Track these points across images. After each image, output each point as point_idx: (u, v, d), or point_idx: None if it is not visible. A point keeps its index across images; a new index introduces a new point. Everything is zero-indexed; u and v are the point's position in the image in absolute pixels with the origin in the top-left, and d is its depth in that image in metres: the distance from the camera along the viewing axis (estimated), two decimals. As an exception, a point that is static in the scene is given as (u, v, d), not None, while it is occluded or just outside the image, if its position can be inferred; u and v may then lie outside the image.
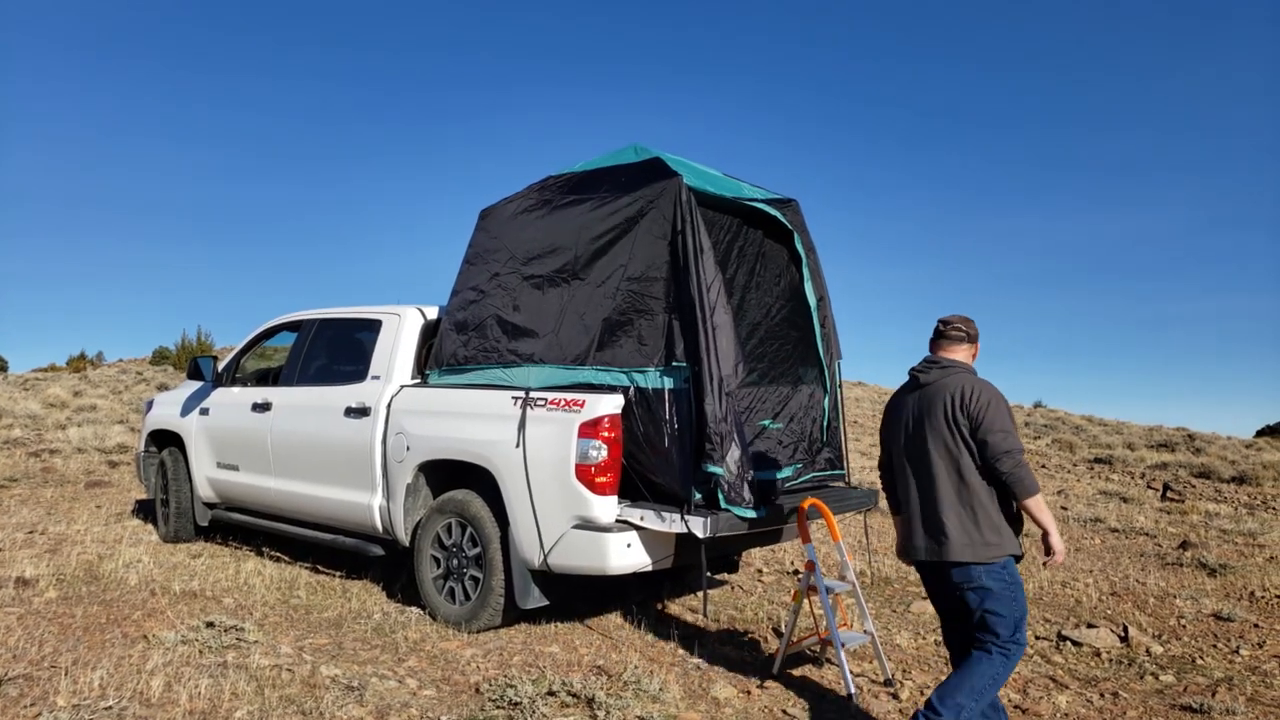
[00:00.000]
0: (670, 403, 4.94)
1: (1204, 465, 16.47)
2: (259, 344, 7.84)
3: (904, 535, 4.01)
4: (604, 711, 4.20)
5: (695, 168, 5.53)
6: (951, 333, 3.96)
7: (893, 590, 7.00)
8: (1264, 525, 10.69)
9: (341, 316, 6.99)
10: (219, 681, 4.36)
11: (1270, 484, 15.14)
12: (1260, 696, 4.95)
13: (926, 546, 3.83)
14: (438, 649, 5.16)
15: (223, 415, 7.52)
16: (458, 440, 5.65)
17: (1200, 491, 13.78)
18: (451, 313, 6.08)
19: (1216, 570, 7.95)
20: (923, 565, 3.97)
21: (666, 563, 5.21)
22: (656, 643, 5.48)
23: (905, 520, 3.99)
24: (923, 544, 3.85)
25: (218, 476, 7.57)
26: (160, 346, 30.63)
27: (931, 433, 3.81)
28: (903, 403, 4.01)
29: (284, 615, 5.77)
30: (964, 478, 3.75)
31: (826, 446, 5.96)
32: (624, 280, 5.20)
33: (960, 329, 3.96)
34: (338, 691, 4.35)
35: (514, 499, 5.27)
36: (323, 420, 6.49)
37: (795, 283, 5.98)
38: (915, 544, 3.88)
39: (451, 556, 5.69)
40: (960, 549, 3.73)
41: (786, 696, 4.69)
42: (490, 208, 6.12)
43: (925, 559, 3.86)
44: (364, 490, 6.19)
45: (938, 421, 3.79)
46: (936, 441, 3.80)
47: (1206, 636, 6.04)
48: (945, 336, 3.97)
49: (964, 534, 3.73)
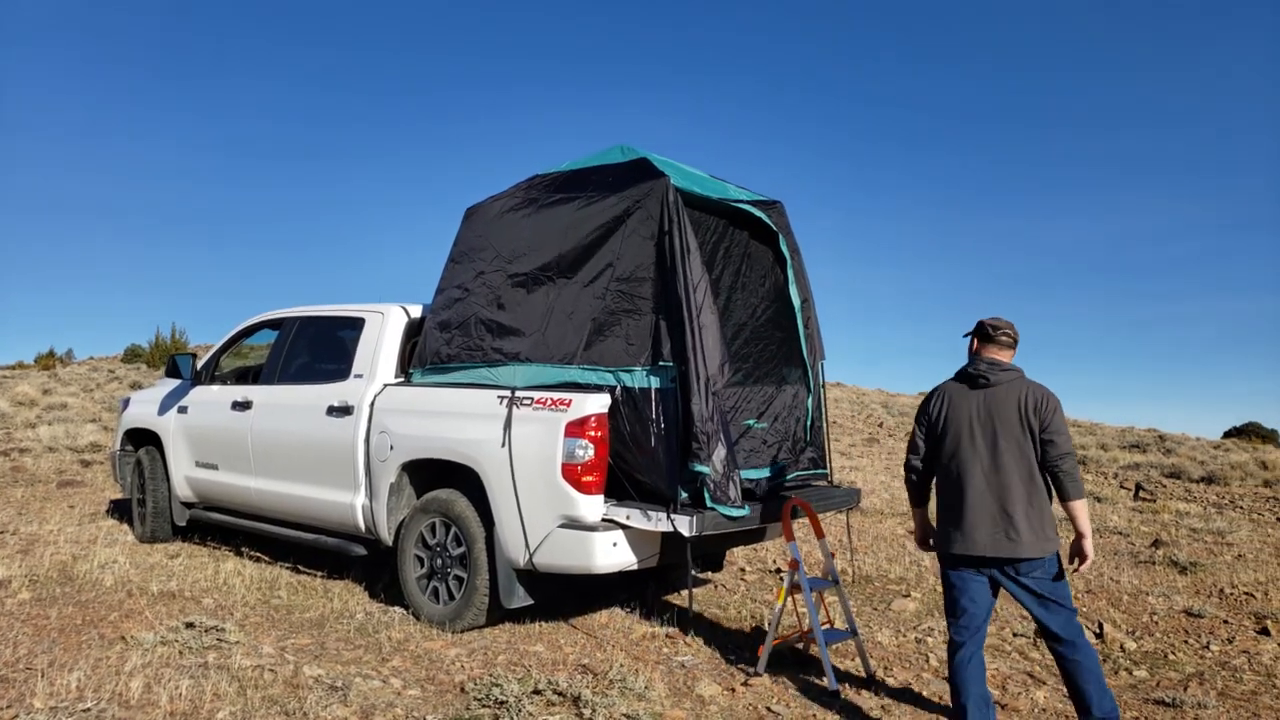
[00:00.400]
0: (657, 402, 4.95)
1: (1174, 466, 16.72)
2: (239, 342, 7.77)
3: (950, 528, 4.09)
4: (590, 710, 4.21)
5: (681, 168, 5.56)
6: (1002, 338, 4.14)
7: (873, 588, 7.06)
8: (1232, 524, 10.88)
9: (324, 314, 6.95)
10: (200, 682, 4.33)
11: (1238, 484, 15.40)
12: (1230, 691, 5.04)
13: (994, 542, 3.97)
14: (422, 649, 5.15)
15: (202, 414, 7.45)
16: (442, 439, 5.63)
17: (1171, 491, 14.00)
18: (436, 311, 6.06)
19: (1187, 568, 8.08)
20: (976, 560, 4.04)
21: (652, 561, 5.22)
22: (641, 641, 5.50)
23: (952, 514, 4.07)
24: (987, 538, 3.97)
25: (196, 476, 7.50)
26: (133, 344, 30.30)
27: (1004, 433, 3.99)
28: (964, 402, 4.12)
29: (265, 615, 5.73)
30: (1033, 477, 3.98)
31: (810, 446, 6.01)
32: (611, 280, 5.21)
33: (1010, 334, 4.16)
34: (321, 692, 4.33)
35: (499, 498, 5.27)
36: (305, 419, 6.44)
37: (780, 284, 6.02)
38: (976, 538, 3.99)
39: (435, 556, 5.68)
40: (1030, 545, 3.93)
41: (771, 693, 4.73)
42: (476, 206, 6.11)
43: (989, 554, 3.97)
44: (346, 489, 6.16)
45: (1011, 423, 3.99)
46: (1009, 442, 3.98)
47: (1178, 633, 6.15)
48: (996, 341, 4.15)
49: (1032, 530, 3.94)
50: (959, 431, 4.08)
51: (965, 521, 4.01)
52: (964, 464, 4.05)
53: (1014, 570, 4.00)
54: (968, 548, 4.01)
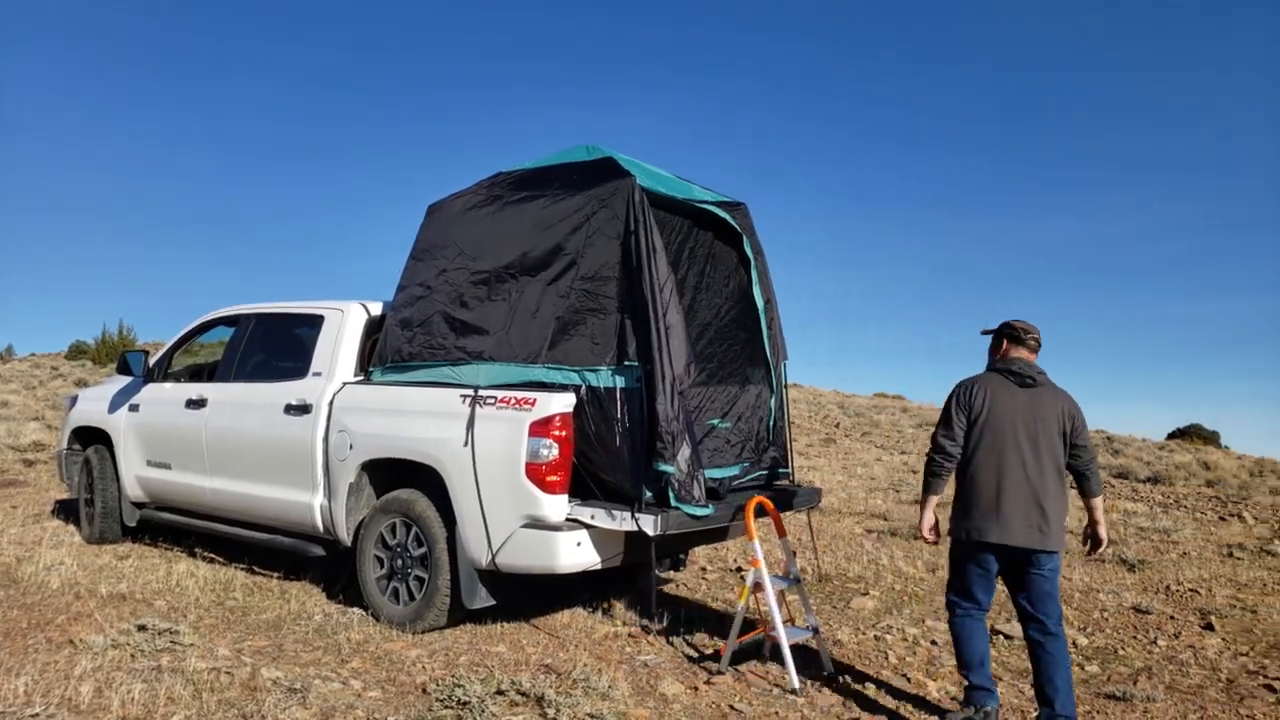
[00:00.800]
0: (622, 401, 4.95)
1: (1122, 466, 17.12)
2: (193, 339, 7.62)
3: (984, 518, 4.21)
4: (554, 709, 4.19)
5: (647, 168, 5.56)
6: (1031, 342, 4.40)
7: (833, 587, 7.13)
8: (1177, 523, 11.18)
9: (282, 311, 6.84)
10: (153, 686, 4.23)
11: (1182, 484, 15.82)
12: (1177, 684, 5.18)
13: (1026, 533, 4.16)
14: (382, 650, 5.09)
15: (154, 412, 7.29)
16: (403, 439, 5.58)
17: (1119, 491, 14.33)
18: (397, 309, 6.00)
19: (1135, 566, 8.29)
20: (1005, 549, 4.21)
21: (616, 561, 5.22)
22: (604, 641, 5.49)
23: (985, 504, 4.21)
24: (1021, 529, 4.16)
25: (148, 475, 7.33)
26: (78, 340, 29.50)
27: (1044, 433, 4.24)
28: (1011, 398, 4.28)
29: (220, 617, 5.63)
30: (1061, 476, 4.28)
31: (772, 445, 6.05)
32: (576, 279, 5.20)
33: (1038, 340, 4.42)
34: (279, 694, 4.26)
35: (462, 498, 5.23)
36: (261, 417, 6.33)
37: (744, 285, 6.06)
38: (1013, 529, 4.16)
39: (396, 557, 5.62)
40: (1054, 539, 4.20)
41: (733, 691, 4.75)
42: (438, 203, 6.05)
43: (1022, 544, 4.16)
44: (304, 489, 6.07)
45: (1050, 424, 4.25)
46: (1048, 441, 4.24)
47: (1127, 628, 6.30)
48: (1026, 345, 4.40)
49: (1057, 525, 4.21)
50: (1003, 425, 4.24)
51: (1003, 512, 4.17)
52: (1006, 457, 4.21)
53: (1033, 561, 4.20)
54: (1002, 537, 4.17)
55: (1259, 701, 4.90)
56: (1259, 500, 14.09)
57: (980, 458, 4.25)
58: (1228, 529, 11.29)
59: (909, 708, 4.69)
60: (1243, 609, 6.88)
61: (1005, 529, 4.17)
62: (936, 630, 6.03)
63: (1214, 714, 4.72)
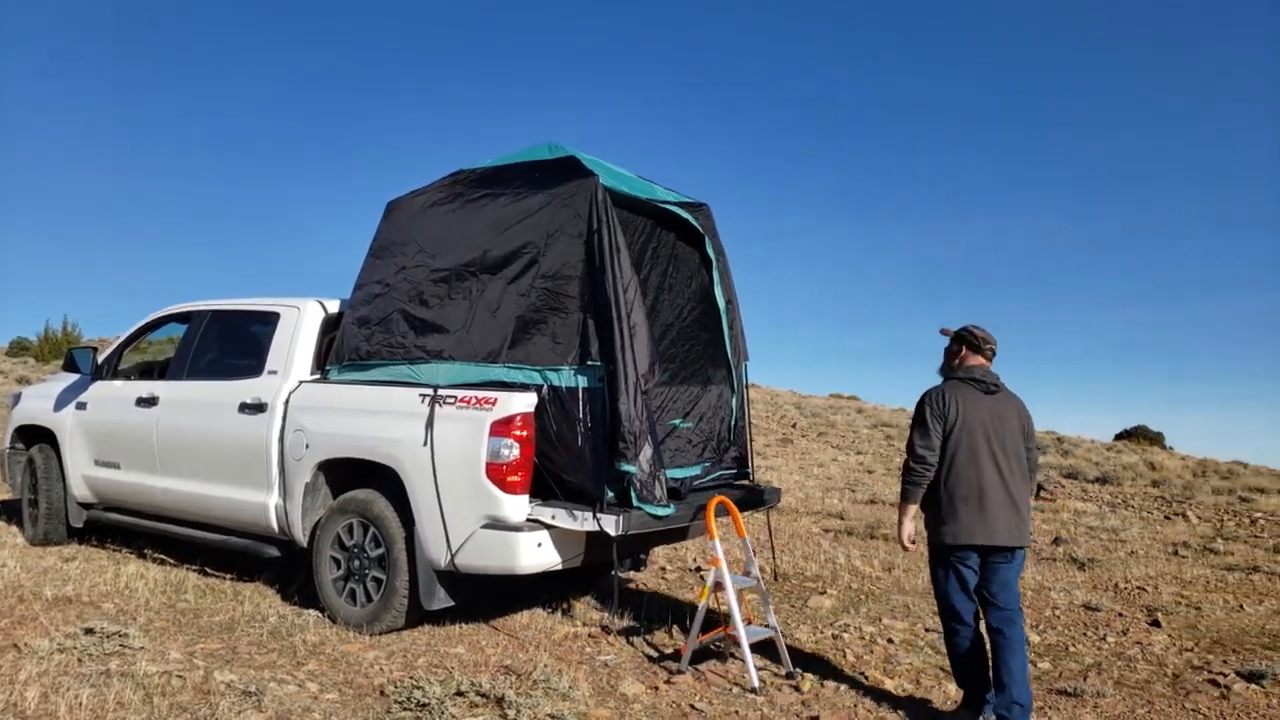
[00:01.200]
0: (584, 401, 4.94)
1: (1072, 466, 17.49)
2: (144, 336, 7.45)
3: (972, 521, 4.35)
4: (514, 710, 4.17)
5: (609, 168, 5.55)
6: (989, 350, 4.60)
7: (790, 586, 7.19)
8: (1125, 522, 11.46)
9: (236, 308, 6.71)
10: (102, 691, 4.13)
11: (1129, 484, 16.21)
12: (1126, 680, 5.30)
13: (1008, 531, 4.37)
14: (339, 652, 5.02)
15: (103, 410, 7.12)
16: (361, 438, 5.51)
17: (1069, 491, 14.64)
18: (355, 306, 5.92)
19: (1085, 564, 8.47)
20: (986, 548, 4.39)
21: (576, 561, 5.21)
22: (564, 641, 5.47)
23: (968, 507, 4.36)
24: (1003, 529, 4.36)
25: (96, 475, 7.16)
26: (19, 337, 28.68)
27: (1008, 436, 4.46)
28: (978, 405, 4.45)
29: (171, 620, 5.51)
30: (1025, 476, 4.51)
31: (733, 445, 6.08)
32: (538, 278, 5.17)
33: (994, 348, 4.62)
34: (234, 697, 4.18)
35: (421, 498, 5.17)
36: (215, 416, 6.22)
37: (706, 285, 6.08)
38: (998, 529, 4.36)
39: (353, 558, 5.54)
40: (1027, 534, 4.45)
41: (694, 691, 4.76)
42: (398, 200, 5.99)
43: (1006, 543, 4.37)
44: (259, 489, 5.97)
45: (1014, 426, 4.49)
46: (1014, 443, 4.47)
47: (1078, 626, 6.43)
48: (983, 353, 4.59)
49: (1027, 521, 4.46)
50: (976, 431, 4.41)
51: (987, 514, 4.35)
52: (982, 461, 4.39)
53: (1007, 556, 4.40)
54: (989, 538, 4.35)
55: (1204, 696, 5.03)
56: (1202, 500, 14.50)
57: (960, 464, 4.39)
58: (1173, 528, 11.59)
59: (867, 705, 4.74)
60: (1187, 606, 7.06)
61: (990, 530, 4.34)
62: (893, 629, 6.11)
63: (1161, 708, 4.84)
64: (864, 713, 4.64)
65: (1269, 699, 5.00)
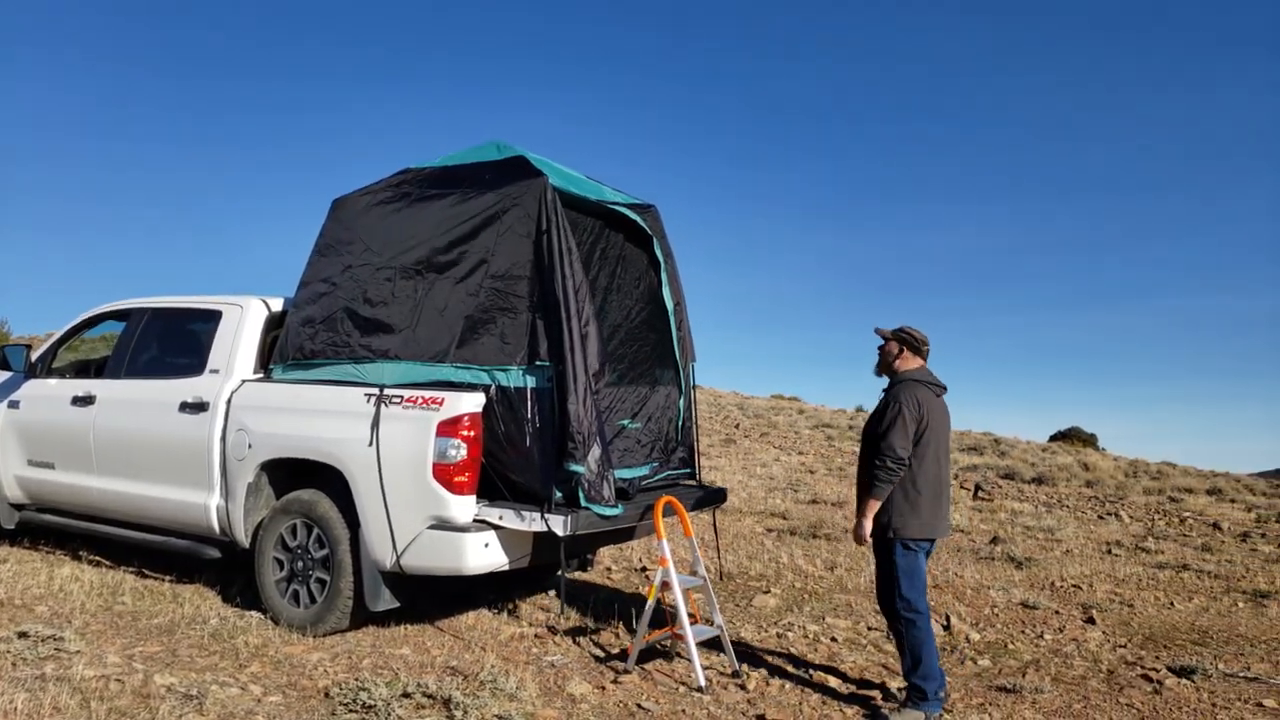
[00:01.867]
0: (533, 401, 4.95)
1: (1008, 467, 17.90)
2: (79, 334, 7.26)
3: (932, 515, 4.62)
4: (461, 711, 4.16)
5: (558, 168, 5.57)
6: (927, 351, 4.82)
7: (735, 585, 7.26)
8: (1060, 522, 11.77)
9: (176, 306, 6.59)
10: (37, 695, 4.02)
11: (1064, 484, 16.64)
12: (1062, 676, 5.46)
13: (948, 524, 4.79)
14: (282, 653, 4.96)
15: (36, 409, 6.92)
16: (305, 438, 5.45)
17: (1006, 491, 14.98)
18: (299, 305, 5.85)
19: (1023, 563, 8.69)
20: (933, 542, 4.74)
21: (524, 562, 5.21)
22: (510, 642, 5.47)
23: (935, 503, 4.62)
24: (947, 522, 4.77)
25: (29, 475, 6.96)
26: (-54, 334, 27.67)
27: (949, 434, 4.77)
28: (934, 405, 4.69)
29: (108, 623, 5.38)
30: None
31: (680, 446, 6.13)
32: (486, 278, 5.17)
33: (929, 348, 4.83)
34: (174, 701, 4.11)
35: (366, 499, 5.13)
36: (154, 415, 6.09)
37: (654, 286, 6.12)
38: (945, 524, 4.74)
39: (296, 558, 5.48)
40: None
41: (641, 690, 4.80)
42: (344, 198, 5.93)
43: (945, 535, 4.83)
44: (200, 490, 5.86)
45: (949, 426, 4.78)
46: (949, 442, 4.80)
47: (1016, 624, 6.60)
48: (922, 354, 4.81)
49: None
50: (938, 430, 4.65)
51: (943, 509, 4.69)
52: (942, 460, 4.68)
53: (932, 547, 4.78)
54: (945, 531, 4.76)
55: (1137, 691, 5.21)
56: (1134, 500, 14.96)
57: (930, 461, 4.61)
58: (1106, 527, 11.95)
59: (812, 703, 4.82)
60: (1121, 603, 7.30)
61: (945, 524, 4.74)
62: (837, 627, 6.21)
63: (1096, 703, 5.00)
64: (809, 710, 4.72)
65: (1199, 693, 5.19)
